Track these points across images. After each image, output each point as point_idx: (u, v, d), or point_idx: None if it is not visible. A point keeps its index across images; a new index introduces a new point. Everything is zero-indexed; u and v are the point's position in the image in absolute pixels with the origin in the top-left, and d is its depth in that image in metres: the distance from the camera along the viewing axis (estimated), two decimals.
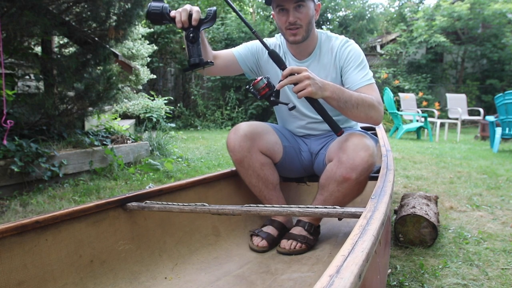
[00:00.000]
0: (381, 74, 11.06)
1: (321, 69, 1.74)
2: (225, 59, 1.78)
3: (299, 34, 1.64)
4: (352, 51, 1.70)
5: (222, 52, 1.80)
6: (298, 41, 1.66)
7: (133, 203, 1.42)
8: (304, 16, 1.61)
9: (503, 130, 5.58)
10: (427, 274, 1.56)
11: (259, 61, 1.83)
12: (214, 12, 1.44)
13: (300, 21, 1.61)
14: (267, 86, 1.45)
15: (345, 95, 1.49)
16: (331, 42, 1.75)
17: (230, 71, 1.84)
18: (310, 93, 1.40)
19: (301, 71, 1.40)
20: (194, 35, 1.39)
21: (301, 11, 1.60)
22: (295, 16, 1.60)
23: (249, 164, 1.75)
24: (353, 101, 1.50)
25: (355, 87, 1.63)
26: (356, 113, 1.54)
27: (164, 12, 1.37)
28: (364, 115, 1.55)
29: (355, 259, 0.69)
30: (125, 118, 6.45)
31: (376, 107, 1.57)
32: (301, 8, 1.59)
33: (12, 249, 1.11)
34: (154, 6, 1.37)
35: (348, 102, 1.50)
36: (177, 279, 1.42)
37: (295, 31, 1.63)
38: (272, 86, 1.46)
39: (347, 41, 1.75)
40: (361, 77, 1.65)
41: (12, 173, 2.50)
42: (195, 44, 1.40)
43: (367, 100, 1.54)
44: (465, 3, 11.21)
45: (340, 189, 1.60)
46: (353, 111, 1.53)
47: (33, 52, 3.13)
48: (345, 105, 1.50)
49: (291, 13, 1.59)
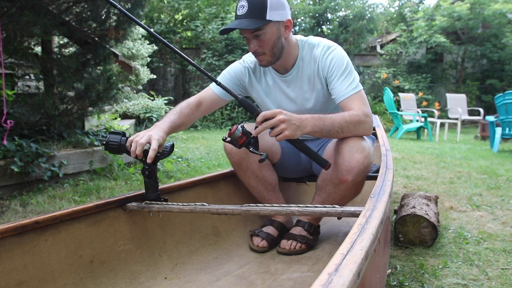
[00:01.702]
0: (381, 74, 11.06)
1: (305, 81, 1.67)
2: (209, 101, 1.73)
3: (263, 59, 1.59)
4: (334, 58, 1.61)
5: (204, 95, 1.74)
6: (265, 65, 1.63)
7: (132, 204, 1.42)
8: (265, 43, 1.53)
9: (503, 130, 5.58)
10: (427, 274, 1.56)
11: (243, 85, 1.78)
12: (171, 147, 1.45)
13: (262, 48, 1.55)
14: (244, 134, 1.41)
15: (326, 124, 1.45)
16: (313, 51, 1.66)
17: (218, 107, 1.80)
18: (288, 136, 1.37)
19: (275, 115, 1.36)
20: (150, 172, 1.41)
21: (261, 39, 1.53)
22: (255, 44, 1.54)
23: (247, 166, 1.75)
24: (337, 127, 1.48)
25: (341, 98, 1.57)
26: (342, 135, 1.52)
27: (121, 145, 1.39)
28: (351, 134, 1.53)
29: (354, 257, 0.69)
30: (125, 118, 6.44)
31: (363, 122, 1.53)
32: (260, 36, 1.52)
33: (12, 250, 1.11)
34: (112, 140, 1.39)
35: (331, 129, 1.47)
36: (177, 279, 1.42)
37: (259, 57, 1.59)
38: (248, 133, 1.42)
39: (329, 47, 1.64)
40: (346, 86, 1.57)
41: (12, 173, 2.50)
42: (151, 179, 1.42)
43: (351, 119, 1.50)
44: (465, 3, 11.20)
45: (337, 191, 1.60)
46: (338, 135, 1.52)
47: (33, 52, 3.13)
48: (329, 133, 1.48)
49: (251, 42, 1.54)
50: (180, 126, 1.64)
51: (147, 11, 9.37)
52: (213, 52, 9.60)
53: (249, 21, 1.47)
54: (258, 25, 1.47)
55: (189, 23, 10.72)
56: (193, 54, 10.71)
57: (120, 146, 1.39)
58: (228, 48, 9.43)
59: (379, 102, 10.36)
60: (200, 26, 10.06)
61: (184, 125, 1.67)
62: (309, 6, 10.93)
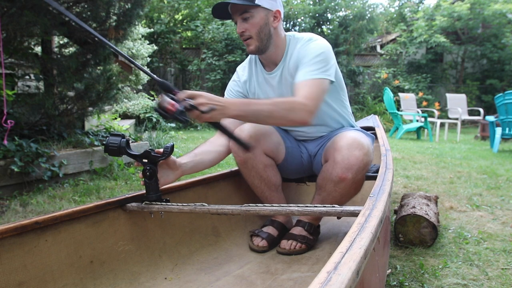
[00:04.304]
0: (381, 74, 11.06)
1: (289, 78, 1.67)
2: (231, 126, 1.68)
3: (251, 44, 1.61)
4: (311, 47, 1.59)
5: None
6: (253, 51, 1.63)
7: (132, 204, 1.42)
8: (251, 26, 1.57)
9: (503, 130, 5.58)
10: (427, 274, 1.56)
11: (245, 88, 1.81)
12: (171, 147, 1.44)
13: (248, 31, 1.58)
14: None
15: (253, 108, 1.39)
16: (297, 44, 1.66)
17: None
18: (207, 119, 1.33)
19: (196, 97, 1.31)
20: (151, 172, 1.40)
21: (248, 22, 1.57)
22: (242, 27, 1.58)
23: (252, 166, 1.75)
24: (265, 111, 1.40)
25: (296, 81, 1.53)
26: (273, 122, 1.48)
27: (121, 147, 1.39)
28: (284, 121, 1.47)
29: (353, 256, 0.69)
30: (125, 118, 6.45)
31: (297, 109, 1.43)
32: (248, 19, 1.56)
33: (12, 250, 1.11)
34: (112, 142, 1.39)
35: (258, 114, 1.40)
36: (177, 279, 1.42)
37: (246, 41, 1.61)
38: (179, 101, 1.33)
39: (309, 39, 1.64)
40: (307, 71, 1.52)
41: (12, 173, 2.50)
42: (152, 180, 1.41)
43: (284, 105, 1.43)
44: (465, 3, 11.20)
45: (337, 189, 1.60)
46: (269, 121, 1.47)
47: (33, 52, 3.12)
48: (256, 118, 1.43)
49: (238, 24, 1.59)
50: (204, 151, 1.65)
51: (147, 11, 9.37)
52: (213, 52, 9.60)
53: (239, 1, 1.54)
54: (246, 3, 1.53)
55: (189, 23, 10.72)
56: (193, 54, 10.72)
57: (120, 148, 1.39)
58: (228, 48, 9.43)
59: (379, 102, 10.37)
60: (200, 26, 10.06)
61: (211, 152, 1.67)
62: (309, 6, 10.93)
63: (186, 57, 10.40)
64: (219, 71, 9.25)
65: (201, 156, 1.63)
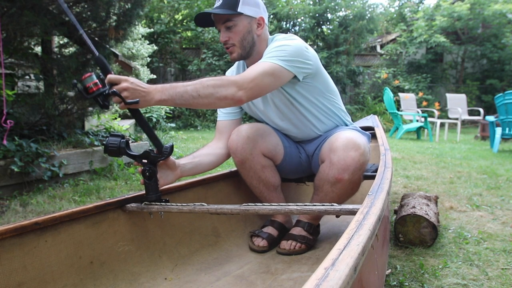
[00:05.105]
0: (381, 74, 11.06)
1: None
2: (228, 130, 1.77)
3: (233, 51, 1.62)
4: (280, 42, 1.56)
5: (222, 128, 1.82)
6: (235, 58, 1.64)
7: (132, 204, 1.42)
8: (235, 35, 1.58)
9: (503, 130, 5.58)
10: (427, 274, 1.56)
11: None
12: (171, 147, 1.44)
13: (232, 40, 1.59)
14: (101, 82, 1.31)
15: (178, 90, 1.32)
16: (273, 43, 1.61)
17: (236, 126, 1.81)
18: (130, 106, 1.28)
19: (120, 81, 1.27)
20: (150, 172, 1.41)
21: (232, 30, 1.58)
22: (226, 35, 1.59)
23: (251, 166, 1.75)
24: (191, 91, 1.32)
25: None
26: (202, 101, 1.35)
27: (121, 148, 1.38)
28: (212, 98, 1.34)
29: (351, 252, 0.69)
30: (125, 118, 6.44)
31: (225, 84, 1.35)
32: (232, 27, 1.58)
33: (12, 251, 1.11)
34: (111, 143, 1.38)
35: (185, 95, 1.32)
36: (177, 279, 1.42)
37: (229, 49, 1.62)
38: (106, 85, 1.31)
39: (284, 37, 1.62)
40: (267, 56, 1.49)
41: (12, 173, 2.50)
42: (152, 180, 1.41)
43: (212, 82, 1.34)
44: (465, 3, 11.21)
45: (334, 190, 1.60)
46: (198, 101, 1.34)
47: (33, 52, 3.13)
48: (184, 100, 1.32)
49: (221, 32, 1.60)
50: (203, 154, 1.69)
51: (147, 11, 9.37)
52: (213, 52, 9.60)
53: (221, 10, 1.55)
54: (228, 13, 1.54)
55: (189, 23, 10.73)
56: (193, 54, 10.72)
57: (120, 149, 1.38)
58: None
59: (379, 102, 10.37)
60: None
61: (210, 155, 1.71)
62: (309, 6, 10.92)
63: (186, 57, 10.41)
64: (219, 71, 9.26)
65: (199, 158, 1.66)
